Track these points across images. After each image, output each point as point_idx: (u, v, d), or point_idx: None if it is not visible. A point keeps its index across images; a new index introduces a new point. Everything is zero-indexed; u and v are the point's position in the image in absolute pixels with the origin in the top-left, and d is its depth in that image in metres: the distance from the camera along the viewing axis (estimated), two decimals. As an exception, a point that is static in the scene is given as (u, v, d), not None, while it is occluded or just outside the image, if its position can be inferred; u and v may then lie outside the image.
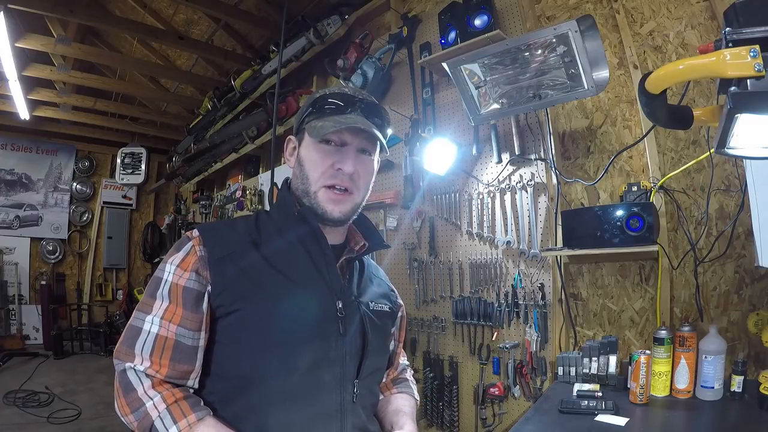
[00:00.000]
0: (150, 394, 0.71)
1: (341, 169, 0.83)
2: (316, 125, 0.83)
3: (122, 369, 0.74)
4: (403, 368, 1.09)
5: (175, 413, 0.69)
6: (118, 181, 6.17)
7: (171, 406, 0.70)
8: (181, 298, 0.76)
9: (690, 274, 1.61)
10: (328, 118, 0.84)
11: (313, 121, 0.85)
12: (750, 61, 0.61)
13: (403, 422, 0.89)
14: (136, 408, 0.70)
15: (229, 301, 0.77)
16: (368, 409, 0.89)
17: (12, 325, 5.57)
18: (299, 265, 0.83)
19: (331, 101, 0.86)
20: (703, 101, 1.62)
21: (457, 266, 2.25)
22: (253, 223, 0.87)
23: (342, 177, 0.84)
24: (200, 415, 0.71)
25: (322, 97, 0.87)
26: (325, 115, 0.85)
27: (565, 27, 1.44)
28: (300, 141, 0.89)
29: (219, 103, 4.17)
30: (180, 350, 0.74)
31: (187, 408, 0.71)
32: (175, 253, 0.80)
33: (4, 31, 3.04)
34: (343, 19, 2.88)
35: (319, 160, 0.84)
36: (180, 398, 0.71)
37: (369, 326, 0.86)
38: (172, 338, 0.74)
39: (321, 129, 0.82)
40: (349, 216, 0.87)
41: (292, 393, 0.76)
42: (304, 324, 0.79)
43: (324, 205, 0.84)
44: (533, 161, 1.99)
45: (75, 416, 3.50)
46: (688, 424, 1.31)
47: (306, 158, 0.86)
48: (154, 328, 0.74)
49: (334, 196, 0.84)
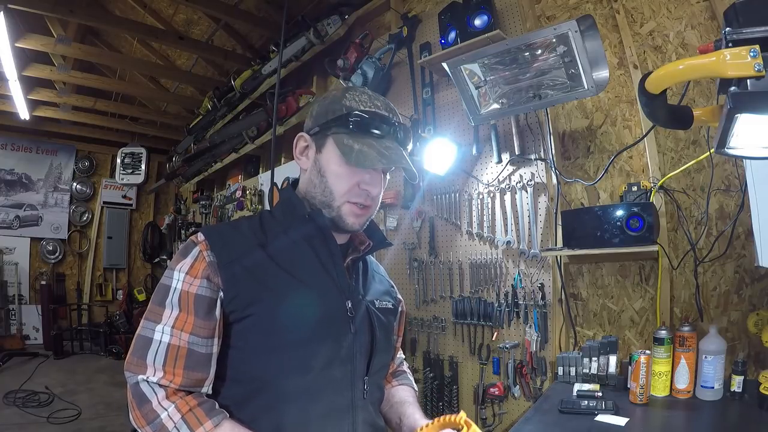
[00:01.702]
0: (164, 405, 0.70)
1: (367, 190, 0.84)
2: (353, 147, 0.81)
3: (135, 381, 0.72)
4: (401, 361, 1.11)
5: (191, 422, 0.69)
6: (118, 181, 6.17)
7: (186, 415, 0.69)
8: (192, 306, 0.74)
9: (690, 274, 1.61)
10: (365, 142, 0.81)
11: (343, 135, 0.82)
12: (750, 61, 0.61)
13: (411, 412, 0.93)
14: (152, 420, 0.69)
15: (242, 306, 0.76)
16: (376, 404, 0.91)
17: (12, 325, 5.57)
18: (308, 266, 0.83)
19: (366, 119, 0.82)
20: (703, 101, 1.62)
21: (457, 266, 2.25)
22: (257, 225, 0.86)
23: (366, 197, 0.84)
24: (216, 421, 0.71)
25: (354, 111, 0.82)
26: (358, 135, 0.82)
27: (565, 27, 1.44)
28: (320, 146, 0.86)
29: (219, 103, 4.17)
30: (193, 358, 0.73)
31: (202, 415, 0.70)
32: (182, 260, 0.78)
33: (4, 31, 3.04)
34: (343, 19, 2.87)
35: (347, 177, 0.83)
36: (194, 406, 0.71)
37: (377, 324, 0.87)
38: (185, 347, 0.73)
39: (361, 157, 0.80)
40: (364, 226, 0.89)
41: (307, 392, 0.77)
42: (316, 324, 0.79)
43: (347, 218, 0.84)
44: (533, 161, 1.99)
45: (75, 416, 3.50)
46: (688, 424, 1.31)
47: (329, 170, 0.84)
48: (166, 338, 0.73)
49: (358, 211, 0.85)
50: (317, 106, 0.89)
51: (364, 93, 0.86)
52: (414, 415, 0.92)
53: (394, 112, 0.87)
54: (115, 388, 4.21)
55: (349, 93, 0.86)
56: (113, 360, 5.37)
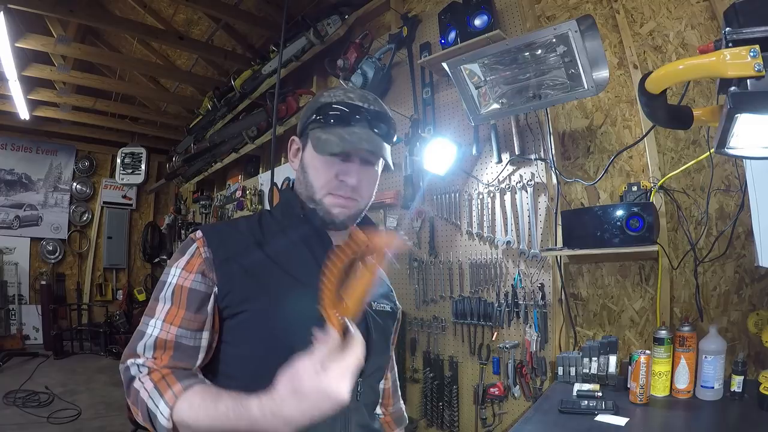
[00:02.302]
0: (143, 380, 0.70)
1: (344, 181, 0.84)
2: (321, 137, 0.82)
3: (125, 366, 0.74)
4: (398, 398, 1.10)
5: (162, 387, 0.68)
6: (118, 181, 6.17)
7: (158, 382, 0.69)
8: (185, 300, 0.76)
9: (690, 274, 1.61)
10: (333, 131, 0.82)
11: (317, 130, 0.84)
12: (750, 61, 0.61)
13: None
14: (134, 399, 0.70)
15: (236, 303, 0.77)
16: (370, 407, 0.91)
17: (12, 325, 5.57)
18: (304, 265, 0.83)
19: (336, 109, 0.84)
20: (703, 101, 1.62)
21: (457, 266, 2.25)
22: (256, 224, 0.87)
23: (345, 188, 0.84)
24: (186, 384, 0.69)
25: (327, 105, 0.85)
26: (330, 126, 0.83)
27: (565, 27, 1.44)
28: (304, 145, 0.89)
29: (219, 103, 4.17)
30: (180, 350, 0.74)
31: (173, 380, 0.69)
32: (180, 257, 0.80)
33: (4, 31, 3.04)
34: (343, 19, 2.87)
35: (323, 170, 0.84)
36: (167, 374, 0.71)
37: (372, 326, 0.87)
38: (172, 339, 0.74)
39: (325, 144, 0.81)
40: (353, 220, 0.88)
41: None
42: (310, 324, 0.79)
43: (330, 209, 0.84)
44: (533, 161, 1.99)
45: (75, 416, 3.50)
46: (688, 424, 1.31)
47: (310, 166, 0.86)
48: (156, 331, 0.74)
49: (341, 201, 0.84)
50: (304, 109, 0.92)
51: (341, 88, 0.88)
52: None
53: (371, 102, 0.87)
54: (116, 388, 4.21)
55: (327, 91, 0.89)
56: (113, 360, 5.37)
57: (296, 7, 3.28)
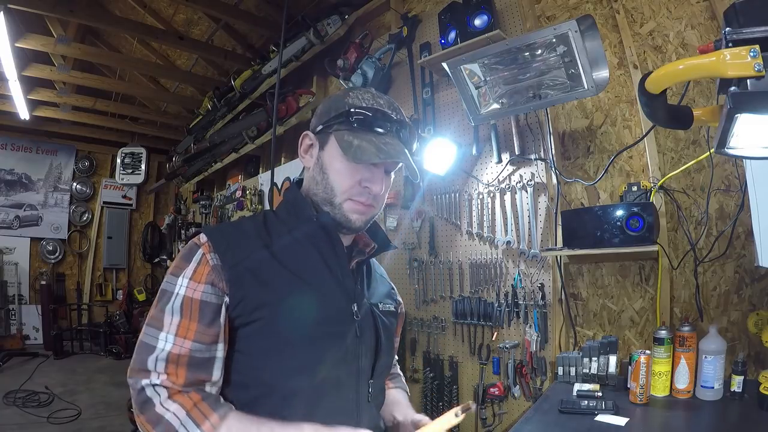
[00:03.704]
0: (166, 405, 0.68)
1: (368, 188, 0.83)
2: (352, 142, 0.80)
3: (140, 387, 0.71)
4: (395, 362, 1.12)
5: (197, 417, 0.67)
6: (118, 181, 6.18)
7: (191, 411, 0.68)
8: (196, 313, 0.73)
9: (690, 274, 1.61)
10: (364, 137, 0.81)
11: (344, 132, 0.82)
12: (750, 61, 0.61)
13: (406, 412, 0.95)
14: (157, 422, 0.68)
15: (248, 311, 0.75)
16: (379, 406, 0.92)
17: (12, 325, 5.57)
18: (314, 269, 0.82)
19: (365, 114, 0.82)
20: (703, 101, 1.62)
21: (457, 266, 2.25)
22: (261, 225, 0.84)
23: (367, 196, 0.83)
24: (222, 413, 0.69)
25: (356, 107, 0.82)
26: (358, 131, 0.81)
27: (565, 27, 1.44)
28: (323, 144, 0.85)
29: (219, 103, 4.17)
30: (195, 363, 0.72)
31: (207, 409, 0.69)
32: (185, 265, 0.76)
33: (4, 31, 3.04)
34: (343, 19, 2.88)
35: (348, 175, 0.82)
36: (198, 401, 0.69)
37: (381, 327, 0.87)
38: (186, 354, 0.71)
39: (360, 152, 0.79)
40: (366, 225, 0.88)
41: (313, 396, 0.77)
42: (323, 328, 0.79)
43: (349, 215, 0.83)
44: (533, 161, 1.99)
45: (75, 416, 3.50)
46: (688, 424, 1.31)
47: (331, 167, 0.83)
48: (168, 346, 0.71)
49: (361, 209, 0.83)
50: (321, 105, 0.89)
51: (368, 92, 0.86)
52: (410, 414, 0.94)
53: (398, 111, 0.86)
54: (115, 388, 4.21)
55: (353, 92, 0.86)
56: (113, 360, 5.37)
57: (296, 7, 3.28)
